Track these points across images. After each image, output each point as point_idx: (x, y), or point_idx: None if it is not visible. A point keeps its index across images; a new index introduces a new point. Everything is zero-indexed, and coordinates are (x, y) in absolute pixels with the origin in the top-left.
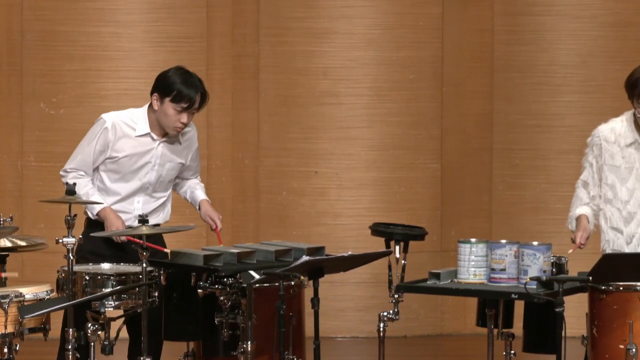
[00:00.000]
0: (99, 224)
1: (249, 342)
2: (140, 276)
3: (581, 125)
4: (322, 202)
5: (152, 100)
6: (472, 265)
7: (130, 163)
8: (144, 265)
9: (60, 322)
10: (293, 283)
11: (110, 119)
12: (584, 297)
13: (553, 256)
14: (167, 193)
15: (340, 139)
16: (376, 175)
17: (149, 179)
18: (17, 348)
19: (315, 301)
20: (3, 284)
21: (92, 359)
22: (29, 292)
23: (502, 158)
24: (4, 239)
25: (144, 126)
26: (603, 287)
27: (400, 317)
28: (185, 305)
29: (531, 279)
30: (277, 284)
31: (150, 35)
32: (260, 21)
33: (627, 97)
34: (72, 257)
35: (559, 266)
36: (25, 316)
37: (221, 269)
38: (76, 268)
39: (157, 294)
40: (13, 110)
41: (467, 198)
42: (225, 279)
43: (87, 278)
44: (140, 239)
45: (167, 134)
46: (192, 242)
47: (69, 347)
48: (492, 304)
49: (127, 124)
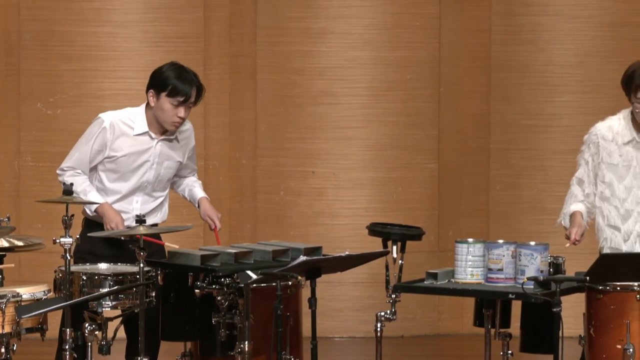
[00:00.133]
0: (96, 224)
1: (246, 342)
2: (138, 276)
3: (578, 125)
4: (320, 202)
5: (148, 97)
6: (470, 265)
7: (129, 162)
8: (141, 265)
9: (58, 322)
10: (290, 283)
11: (108, 118)
12: (581, 297)
13: (550, 256)
14: (165, 192)
15: (338, 139)
16: (373, 175)
17: (147, 177)
18: (15, 348)
19: (313, 301)
20: (0, 282)
21: (89, 359)
22: (26, 292)
23: (499, 158)
24: (1, 239)
25: (142, 125)
26: (600, 287)
27: (398, 317)
28: (182, 305)
29: (528, 279)
30: (274, 284)
31: (148, 35)
32: (257, 21)
33: (625, 94)
34: (69, 257)
35: (556, 266)
36: (23, 316)
37: (218, 269)
38: (73, 268)
39: (154, 294)
40: (10, 110)
41: (465, 198)
42: (222, 279)
43: (85, 278)
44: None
45: (165, 132)
46: (189, 242)
47: (66, 347)
48: (490, 304)
49: (125, 123)
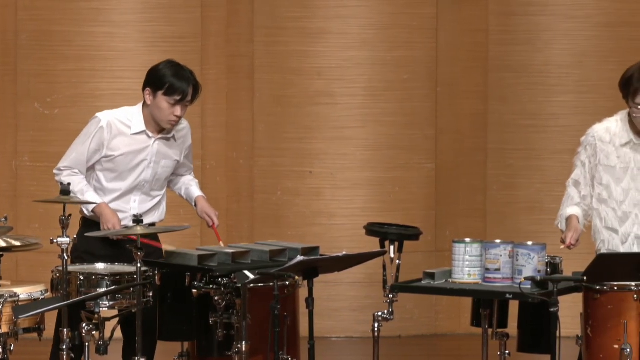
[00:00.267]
0: (94, 223)
1: (244, 342)
2: (135, 276)
3: (576, 125)
4: (317, 202)
5: (144, 96)
6: (467, 265)
7: (127, 161)
8: (139, 265)
9: (52, 322)
10: (287, 283)
11: (106, 117)
12: (578, 297)
13: (547, 256)
14: (163, 191)
15: (335, 139)
16: (371, 175)
17: (145, 176)
18: (12, 348)
19: (310, 301)
20: None
21: (86, 359)
22: (24, 292)
23: (496, 158)
24: None
25: (139, 124)
26: (597, 287)
27: (395, 317)
28: (179, 305)
29: (526, 278)
30: (271, 284)
31: (145, 35)
32: (254, 21)
33: (622, 96)
34: (66, 257)
35: (553, 266)
36: (20, 316)
37: (216, 269)
38: (71, 268)
39: (151, 294)
40: (7, 110)
41: (462, 198)
42: (219, 279)
43: (82, 278)
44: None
45: (162, 130)
46: (186, 242)
47: (64, 347)
48: (487, 304)
49: (123, 122)
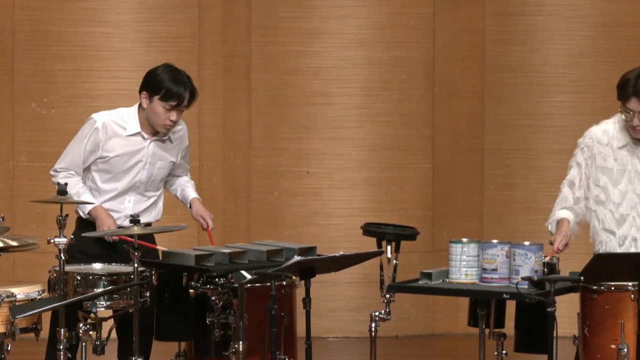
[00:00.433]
0: (90, 223)
1: (241, 342)
2: (132, 276)
3: (572, 125)
4: (314, 202)
5: (141, 99)
6: (464, 265)
7: (122, 162)
8: (136, 265)
9: (47, 323)
10: (285, 283)
11: (101, 118)
12: (575, 297)
13: (544, 256)
14: (159, 192)
15: (332, 139)
16: (367, 175)
17: (140, 177)
18: (9, 348)
19: (307, 301)
20: None
21: (83, 359)
22: (21, 292)
23: (493, 158)
24: None
25: (134, 125)
26: (594, 287)
27: (392, 317)
28: (176, 306)
29: (523, 278)
30: (268, 284)
31: (142, 35)
32: (251, 21)
33: (617, 97)
34: (63, 257)
35: (550, 266)
36: (17, 316)
37: (213, 269)
38: (68, 268)
39: (148, 294)
40: (4, 110)
41: (459, 198)
42: (216, 279)
43: (79, 278)
44: (132, 239)
45: (158, 132)
46: (183, 242)
47: (61, 347)
48: (484, 303)
49: (118, 123)
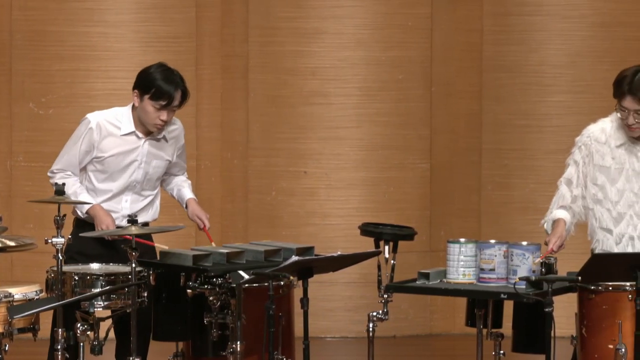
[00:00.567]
0: (87, 224)
1: (238, 342)
2: (130, 276)
3: (570, 125)
4: (312, 202)
5: (133, 97)
6: (462, 265)
7: (117, 162)
8: (133, 265)
9: (50, 323)
10: (282, 283)
11: (95, 118)
12: (573, 297)
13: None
14: (155, 191)
15: (330, 139)
16: (365, 175)
17: (135, 177)
18: (7, 348)
19: (305, 301)
20: None
21: (81, 359)
22: (18, 292)
23: (491, 158)
24: None
25: (128, 125)
26: (592, 287)
27: (390, 317)
28: (174, 306)
29: (520, 278)
30: (266, 284)
31: (139, 35)
32: (249, 21)
33: (612, 94)
34: (61, 257)
35: (548, 266)
36: (15, 316)
37: (210, 269)
38: (65, 268)
39: (146, 294)
40: (2, 110)
41: (456, 198)
42: (214, 279)
43: (77, 278)
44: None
45: (150, 132)
46: (181, 242)
47: (58, 347)
48: (482, 304)
49: (112, 123)
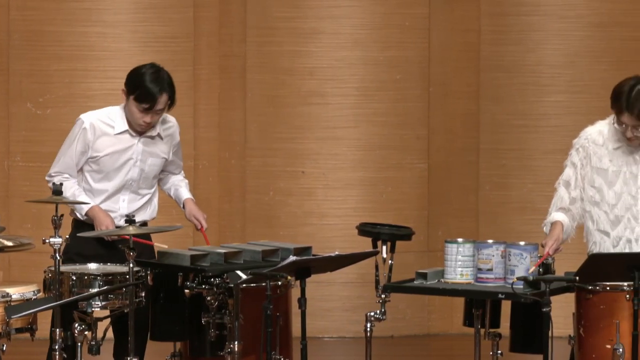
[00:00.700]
0: (85, 225)
1: (236, 342)
2: (127, 276)
3: (568, 125)
4: (309, 202)
5: (122, 95)
6: (459, 265)
7: (112, 161)
8: (131, 265)
9: (48, 323)
10: (280, 283)
11: (88, 119)
12: (570, 297)
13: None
14: (153, 189)
15: (327, 139)
16: (363, 175)
17: (131, 175)
18: (4, 348)
19: (302, 301)
20: None
21: (79, 359)
22: (16, 292)
23: (488, 158)
24: None
25: (121, 123)
26: (590, 287)
27: (387, 317)
28: (172, 306)
29: (518, 278)
30: (264, 284)
31: (137, 35)
32: (247, 21)
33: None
34: (58, 257)
35: (545, 266)
36: (12, 316)
37: (208, 269)
38: (63, 268)
39: (144, 294)
40: (0, 110)
41: (454, 198)
42: (212, 279)
43: (74, 278)
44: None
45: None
46: (179, 242)
47: (56, 347)
48: (479, 303)
49: (105, 122)
